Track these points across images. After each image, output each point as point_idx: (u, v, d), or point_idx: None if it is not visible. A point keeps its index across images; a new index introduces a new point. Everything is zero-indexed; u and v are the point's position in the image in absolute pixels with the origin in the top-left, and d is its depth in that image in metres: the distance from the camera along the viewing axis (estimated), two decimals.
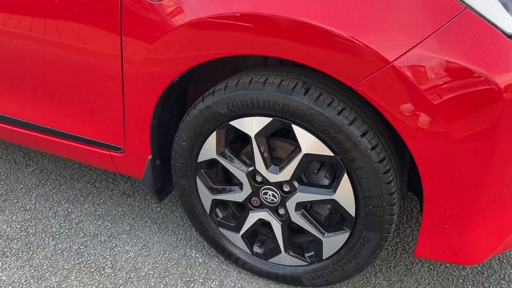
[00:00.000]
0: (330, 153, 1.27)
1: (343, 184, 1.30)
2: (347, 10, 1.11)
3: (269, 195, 1.43)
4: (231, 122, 1.36)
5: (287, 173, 1.36)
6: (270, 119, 1.30)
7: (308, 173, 1.42)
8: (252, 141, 1.36)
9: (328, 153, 1.27)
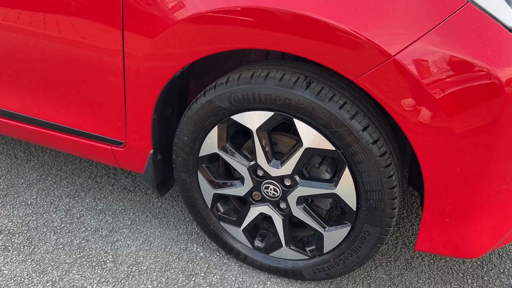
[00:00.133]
0: (332, 147, 1.27)
1: (344, 178, 1.30)
2: (349, 3, 1.11)
3: (271, 189, 1.44)
4: (232, 116, 1.36)
5: (289, 167, 1.37)
6: (271, 113, 1.30)
7: (309, 167, 1.42)
8: (254, 135, 1.36)
9: (329, 147, 1.28)
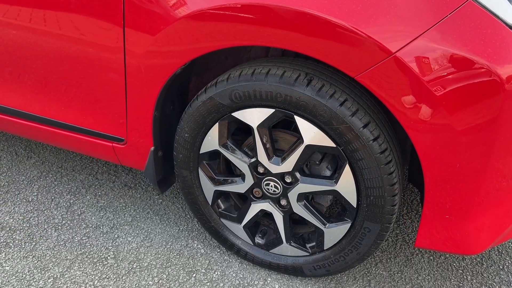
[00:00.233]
0: (332, 144, 1.28)
1: (345, 175, 1.31)
2: (350, 0, 1.11)
3: (271, 186, 1.44)
4: (233, 113, 1.36)
5: (289, 164, 1.37)
6: (272, 110, 1.31)
7: (310, 164, 1.43)
8: (255, 132, 1.36)
9: (330, 144, 1.28)
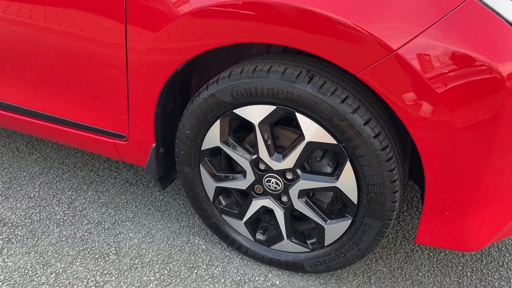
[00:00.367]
0: (333, 141, 1.28)
1: (345, 172, 1.31)
2: None
3: (272, 183, 1.45)
4: (235, 110, 1.36)
5: (290, 161, 1.38)
6: (273, 107, 1.31)
7: (311, 161, 1.43)
8: (256, 129, 1.37)
9: (331, 141, 1.29)
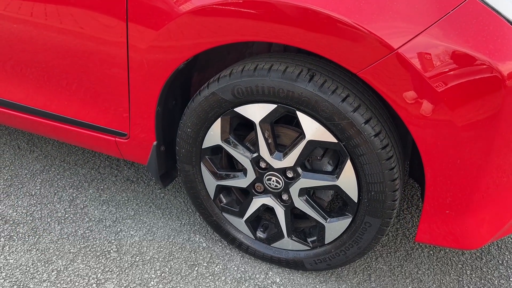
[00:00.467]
0: (334, 140, 1.28)
1: (346, 170, 1.32)
2: None
3: (273, 181, 1.45)
4: (235, 108, 1.37)
5: (291, 159, 1.38)
6: (274, 106, 1.31)
7: (311, 159, 1.44)
8: (257, 127, 1.37)
9: (331, 140, 1.29)
